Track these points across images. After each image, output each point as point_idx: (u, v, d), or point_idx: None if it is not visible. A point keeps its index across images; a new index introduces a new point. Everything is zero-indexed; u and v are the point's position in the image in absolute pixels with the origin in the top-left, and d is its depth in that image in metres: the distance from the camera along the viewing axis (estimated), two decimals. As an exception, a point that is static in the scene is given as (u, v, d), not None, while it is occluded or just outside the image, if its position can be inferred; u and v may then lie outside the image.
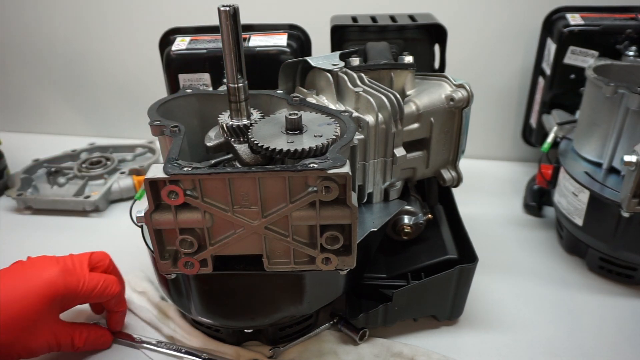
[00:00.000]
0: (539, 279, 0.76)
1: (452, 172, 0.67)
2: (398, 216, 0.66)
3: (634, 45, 0.83)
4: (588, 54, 0.86)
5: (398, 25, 0.79)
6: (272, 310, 0.57)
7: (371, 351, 0.63)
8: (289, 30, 0.86)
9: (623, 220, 0.68)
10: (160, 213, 0.46)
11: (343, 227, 0.47)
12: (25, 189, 0.94)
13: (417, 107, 0.62)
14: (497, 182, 1.02)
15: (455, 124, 0.64)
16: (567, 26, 0.86)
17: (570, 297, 0.72)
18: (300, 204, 0.46)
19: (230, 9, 0.47)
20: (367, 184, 0.61)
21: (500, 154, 1.10)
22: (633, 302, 0.71)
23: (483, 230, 0.85)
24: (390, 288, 0.63)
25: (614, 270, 0.74)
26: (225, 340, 0.64)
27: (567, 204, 0.76)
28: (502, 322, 0.68)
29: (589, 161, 0.75)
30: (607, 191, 0.69)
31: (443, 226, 0.72)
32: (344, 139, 0.49)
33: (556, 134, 0.84)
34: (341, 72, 0.61)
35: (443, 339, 0.66)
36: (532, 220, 0.90)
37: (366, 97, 0.58)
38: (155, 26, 0.88)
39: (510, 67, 1.02)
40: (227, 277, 0.53)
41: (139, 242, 0.58)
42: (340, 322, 0.65)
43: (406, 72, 0.65)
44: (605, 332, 0.66)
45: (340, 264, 0.49)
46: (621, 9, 0.89)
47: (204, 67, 0.81)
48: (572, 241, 0.79)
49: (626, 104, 0.67)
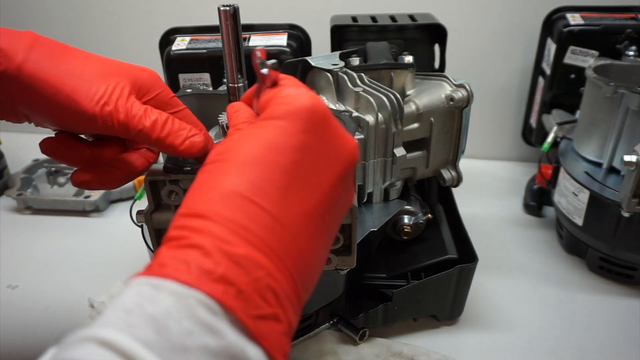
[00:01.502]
0: (539, 279, 0.76)
1: (452, 172, 0.67)
2: (398, 216, 0.66)
3: (634, 45, 0.83)
4: (588, 53, 0.86)
5: (398, 25, 0.79)
6: (272, 310, 0.57)
7: (371, 351, 0.63)
8: (289, 30, 0.86)
9: (623, 220, 0.68)
10: (160, 213, 0.46)
11: (343, 227, 0.47)
12: (25, 189, 0.94)
13: (417, 107, 0.62)
14: (497, 182, 1.02)
15: (455, 124, 0.64)
16: (567, 26, 0.86)
17: (570, 297, 0.72)
18: (300, 204, 0.46)
19: (230, 9, 0.47)
20: (367, 184, 0.61)
21: (500, 154, 1.10)
22: (633, 302, 0.71)
23: (483, 230, 0.85)
24: (390, 288, 0.63)
25: (614, 270, 0.74)
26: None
27: (567, 203, 0.76)
28: (502, 322, 0.68)
29: (588, 161, 0.75)
30: (607, 191, 0.69)
31: (443, 226, 0.72)
32: (344, 138, 0.49)
33: (556, 134, 0.84)
34: (341, 72, 0.61)
35: (443, 339, 0.66)
36: (532, 220, 0.90)
37: (366, 97, 0.58)
38: (155, 26, 0.88)
39: (510, 67, 1.02)
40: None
41: (139, 242, 0.58)
42: (340, 322, 0.65)
43: (406, 72, 0.65)
44: (605, 332, 0.66)
45: (340, 264, 0.49)
46: (621, 8, 0.89)
47: (204, 67, 0.81)
48: (572, 241, 0.79)
49: (626, 104, 0.67)
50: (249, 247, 0.27)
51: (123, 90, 0.40)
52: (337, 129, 0.34)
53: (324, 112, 0.33)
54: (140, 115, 0.40)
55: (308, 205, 0.30)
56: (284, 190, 0.29)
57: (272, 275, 0.27)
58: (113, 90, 0.40)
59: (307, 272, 0.30)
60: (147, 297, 0.24)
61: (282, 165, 0.30)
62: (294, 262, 0.29)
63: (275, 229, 0.28)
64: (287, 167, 0.30)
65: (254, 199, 0.28)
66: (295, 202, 0.30)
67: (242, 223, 0.27)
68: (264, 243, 0.27)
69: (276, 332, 0.26)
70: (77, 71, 0.40)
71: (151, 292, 0.24)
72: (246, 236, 0.27)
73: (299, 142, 0.31)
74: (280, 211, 0.29)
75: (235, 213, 0.27)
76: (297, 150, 0.31)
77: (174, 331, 0.23)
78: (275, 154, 0.30)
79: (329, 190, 0.32)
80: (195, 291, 0.24)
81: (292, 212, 0.29)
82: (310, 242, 0.30)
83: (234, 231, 0.27)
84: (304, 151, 0.31)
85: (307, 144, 0.31)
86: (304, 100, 0.32)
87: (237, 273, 0.25)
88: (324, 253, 0.34)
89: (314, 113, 0.32)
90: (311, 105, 0.32)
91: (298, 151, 0.31)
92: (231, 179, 0.29)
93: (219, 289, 0.25)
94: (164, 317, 0.23)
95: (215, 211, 0.27)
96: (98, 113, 0.39)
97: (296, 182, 0.30)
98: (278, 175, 0.29)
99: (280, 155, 0.30)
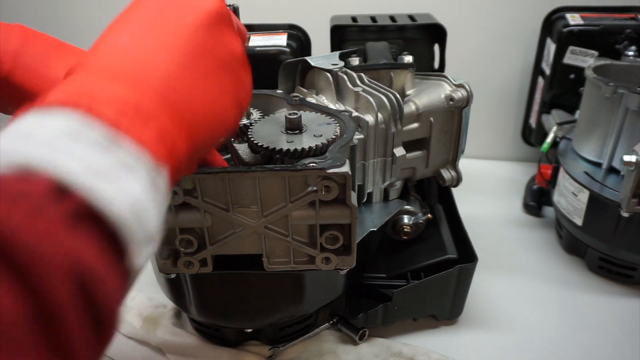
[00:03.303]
0: (539, 279, 0.76)
1: (452, 172, 0.67)
2: (398, 216, 0.66)
3: (633, 45, 0.83)
4: (588, 54, 0.86)
5: (398, 25, 0.79)
6: (272, 310, 0.57)
7: (371, 351, 0.63)
8: (289, 30, 0.86)
9: (623, 220, 0.68)
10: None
11: (343, 227, 0.47)
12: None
13: (417, 107, 0.62)
14: (497, 182, 1.02)
15: (455, 124, 0.64)
16: (567, 26, 0.86)
17: (570, 297, 0.72)
18: (299, 204, 0.46)
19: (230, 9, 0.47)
20: (367, 184, 0.61)
21: (500, 154, 1.10)
22: (633, 302, 0.71)
23: (483, 230, 0.85)
24: (390, 288, 0.63)
25: (614, 270, 0.74)
26: (225, 340, 0.64)
27: (566, 203, 0.76)
28: (501, 322, 0.68)
29: (588, 161, 0.75)
30: (606, 191, 0.69)
31: (443, 226, 0.72)
32: (344, 138, 0.49)
33: (556, 134, 0.84)
34: (341, 71, 0.61)
35: (443, 339, 0.66)
36: (531, 220, 0.90)
37: (366, 97, 0.58)
38: (155, 26, 0.88)
39: (510, 67, 1.02)
40: (227, 277, 0.53)
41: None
42: (340, 321, 0.65)
43: (406, 72, 0.65)
44: (605, 332, 0.66)
45: (340, 264, 0.49)
46: (621, 9, 0.89)
47: (204, 67, 0.81)
48: (571, 241, 0.79)
49: (626, 104, 0.67)
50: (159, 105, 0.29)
51: None
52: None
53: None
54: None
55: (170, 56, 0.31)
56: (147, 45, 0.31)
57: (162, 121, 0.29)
58: None
59: (192, 107, 0.32)
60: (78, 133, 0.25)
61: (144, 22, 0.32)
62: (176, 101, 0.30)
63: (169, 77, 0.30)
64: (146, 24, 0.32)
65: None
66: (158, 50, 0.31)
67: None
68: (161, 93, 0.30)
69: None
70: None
71: (80, 128, 0.25)
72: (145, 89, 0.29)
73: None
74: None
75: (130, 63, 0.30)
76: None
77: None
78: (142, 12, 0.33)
79: (189, 39, 0.33)
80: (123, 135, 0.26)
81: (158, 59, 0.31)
82: (190, 86, 0.32)
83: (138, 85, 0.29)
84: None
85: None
86: None
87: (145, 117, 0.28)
88: (216, 96, 0.35)
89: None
90: None
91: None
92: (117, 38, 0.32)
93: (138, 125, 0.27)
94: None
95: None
96: None
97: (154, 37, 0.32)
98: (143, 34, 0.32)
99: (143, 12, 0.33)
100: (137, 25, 0.32)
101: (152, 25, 0.32)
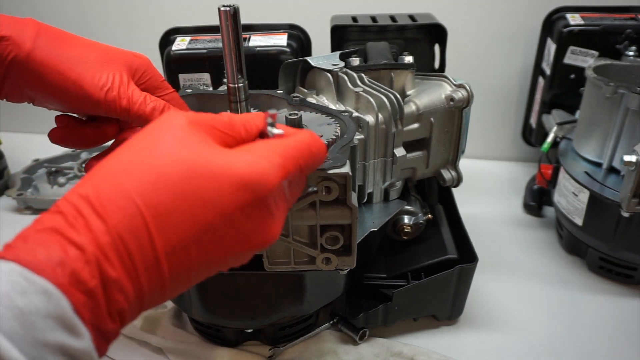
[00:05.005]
0: (539, 279, 0.76)
1: (452, 172, 0.67)
2: (398, 216, 0.66)
3: (633, 45, 0.83)
4: (588, 54, 0.86)
5: (398, 25, 0.79)
6: (272, 310, 0.57)
7: (371, 351, 0.63)
8: (289, 30, 0.86)
9: (623, 220, 0.68)
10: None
11: (343, 227, 0.47)
12: (25, 189, 0.94)
13: (417, 107, 0.62)
14: (497, 182, 1.02)
15: (455, 124, 0.64)
16: (567, 26, 0.86)
17: (570, 297, 0.72)
18: (300, 204, 0.46)
19: (231, 9, 0.47)
20: (367, 184, 0.61)
21: (500, 154, 1.10)
22: (633, 302, 0.71)
23: (483, 230, 0.85)
24: (390, 288, 0.63)
25: (614, 270, 0.74)
26: (225, 340, 0.64)
27: (567, 203, 0.76)
28: (501, 322, 0.68)
29: (588, 161, 0.75)
30: (607, 191, 0.69)
31: (443, 226, 0.72)
32: (344, 139, 0.49)
33: (556, 134, 0.84)
34: (341, 72, 0.61)
35: (443, 339, 0.66)
36: (532, 220, 0.90)
37: (366, 97, 0.58)
38: (155, 26, 0.88)
39: (510, 67, 1.02)
40: (227, 277, 0.53)
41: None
42: (340, 322, 0.65)
43: (406, 72, 0.65)
44: (605, 332, 0.66)
45: (340, 264, 0.49)
46: (621, 9, 0.89)
47: (204, 67, 0.81)
48: (572, 241, 0.79)
49: (626, 104, 0.67)
50: (121, 270, 0.27)
51: (123, 77, 0.44)
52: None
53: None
54: (140, 101, 0.44)
55: (188, 234, 0.29)
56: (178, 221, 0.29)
57: (129, 301, 0.28)
58: (114, 78, 0.44)
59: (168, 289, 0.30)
60: (19, 290, 0.24)
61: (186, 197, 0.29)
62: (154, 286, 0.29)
63: (148, 255, 0.28)
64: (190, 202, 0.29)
65: (145, 215, 0.28)
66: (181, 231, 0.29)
67: (125, 238, 0.27)
68: (134, 267, 0.28)
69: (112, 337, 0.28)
70: (80, 58, 0.43)
71: (23, 285, 0.24)
72: (123, 255, 0.27)
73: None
74: (161, 239, 0.28)
75: (123, 220, 0.27)
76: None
77: (38, 327, 0.24)
78: (190, 182, 0.29)
79: (214, 222, 0.30)
80: (65, 297, 0.25)
81: (172, 240, 0.29)
82: (179, 278, 0.30)
83: (116, 245, 0.27)
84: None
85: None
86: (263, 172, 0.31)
87: (101, 293, 0.27)
88: (206, 271, 0.34)
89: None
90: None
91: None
92: (134, 182, 0.28)
93: (83, 300, 0.26)
94: (32, 313, 0.24)
95: (109, 213, 0.27)
96: (102, 99, 0.43)
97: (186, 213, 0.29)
98: (180, 206, 0.29)
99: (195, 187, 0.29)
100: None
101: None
